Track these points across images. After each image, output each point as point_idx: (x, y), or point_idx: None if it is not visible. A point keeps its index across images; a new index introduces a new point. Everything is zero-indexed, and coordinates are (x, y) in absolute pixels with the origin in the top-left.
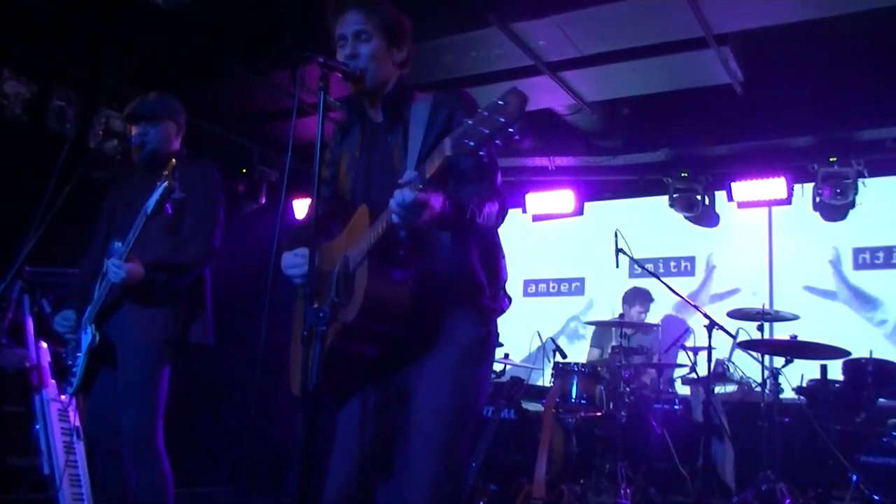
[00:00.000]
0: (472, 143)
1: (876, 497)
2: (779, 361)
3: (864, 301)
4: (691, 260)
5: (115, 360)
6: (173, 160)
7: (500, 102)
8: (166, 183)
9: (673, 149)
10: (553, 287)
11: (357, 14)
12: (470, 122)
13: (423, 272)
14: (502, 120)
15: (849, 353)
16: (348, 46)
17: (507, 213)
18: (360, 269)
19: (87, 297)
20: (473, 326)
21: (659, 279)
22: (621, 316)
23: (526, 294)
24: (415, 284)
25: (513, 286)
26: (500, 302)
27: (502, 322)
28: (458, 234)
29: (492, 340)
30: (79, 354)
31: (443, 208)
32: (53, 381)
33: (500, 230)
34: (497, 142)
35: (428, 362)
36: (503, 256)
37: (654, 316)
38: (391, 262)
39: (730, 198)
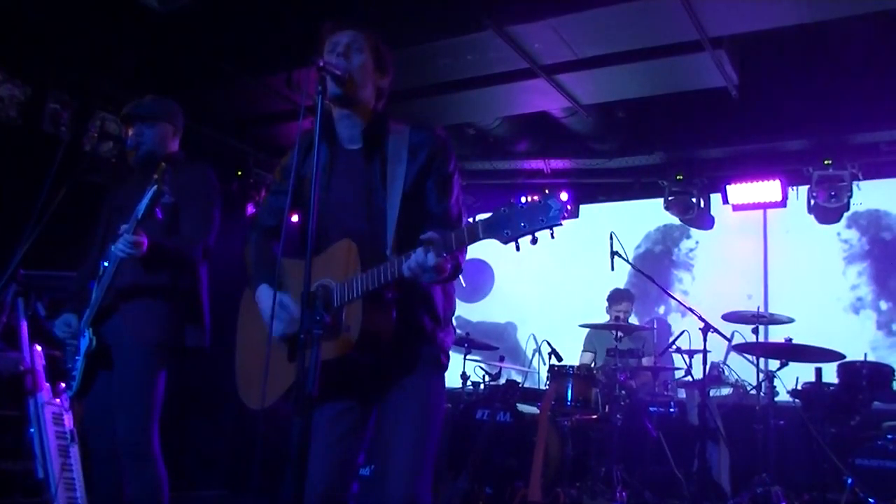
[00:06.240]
0: (508, 234)
1: (871, 500)
2: (774, 364)
3: None
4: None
5: (112, 363)
6: (163, 164)
7: (542, 202)
8: (156, 187)
9: (668, 152)
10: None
11: (355, 32)
12: (506, 210)
13: (400, 304)
14: (544, 222)
15: (844, 357)
16: (341, 47)
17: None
18: (352, 308)
19: (85, 301)
20: (433, 346)
21: (654, 281)
22: (616, 319)
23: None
24: (395, 315)
25: (512, 287)
26: (449, 330)
27: (500, 323)
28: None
29: (447, 358)
30: (77, 358)
31: (449, 272)
32: (48, 384)
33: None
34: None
35: (402, 375)
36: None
37: (642, 317)
38: (381, 302)
39: (725, 200)
